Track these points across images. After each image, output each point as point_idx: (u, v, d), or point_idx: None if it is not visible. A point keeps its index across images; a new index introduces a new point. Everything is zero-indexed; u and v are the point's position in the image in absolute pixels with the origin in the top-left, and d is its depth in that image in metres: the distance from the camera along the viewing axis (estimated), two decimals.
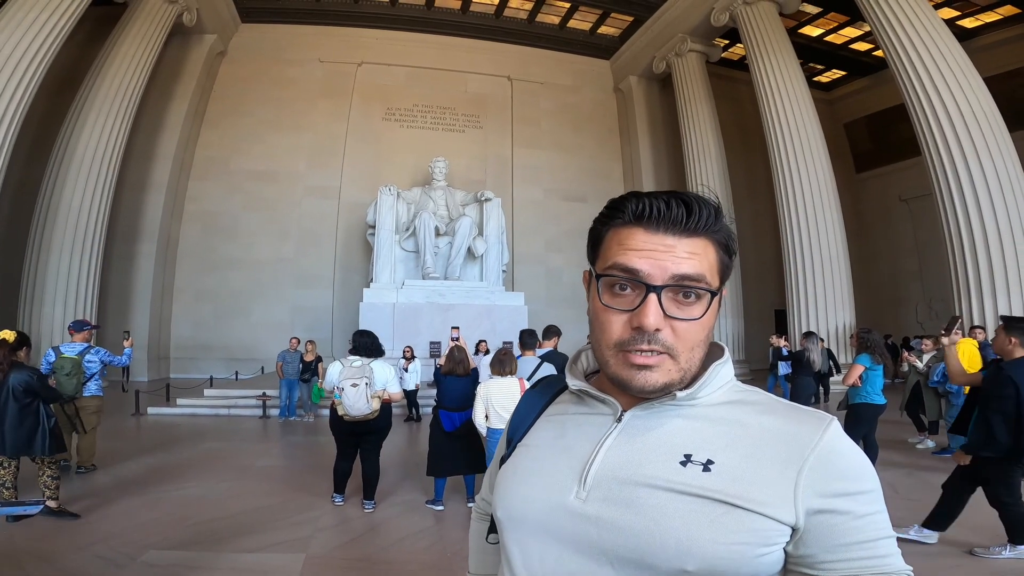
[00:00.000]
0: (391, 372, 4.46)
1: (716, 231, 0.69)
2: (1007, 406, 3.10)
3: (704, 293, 0.67)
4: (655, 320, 0.65)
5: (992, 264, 9.56)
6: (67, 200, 11.63)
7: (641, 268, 0.66)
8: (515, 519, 0.71)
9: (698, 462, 0.64)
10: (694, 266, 0.66)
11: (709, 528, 0.60)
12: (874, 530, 0.62)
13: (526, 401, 0.85)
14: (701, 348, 0.69)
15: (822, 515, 0.61)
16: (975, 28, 14.76)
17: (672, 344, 0.66)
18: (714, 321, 0.70)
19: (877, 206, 18.12)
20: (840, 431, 0.65)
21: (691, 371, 0.68)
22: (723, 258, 0.70)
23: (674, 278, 0.65)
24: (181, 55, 14.82)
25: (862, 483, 0.63)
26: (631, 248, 0.67)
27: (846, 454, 0.63)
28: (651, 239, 0.67)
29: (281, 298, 15.34)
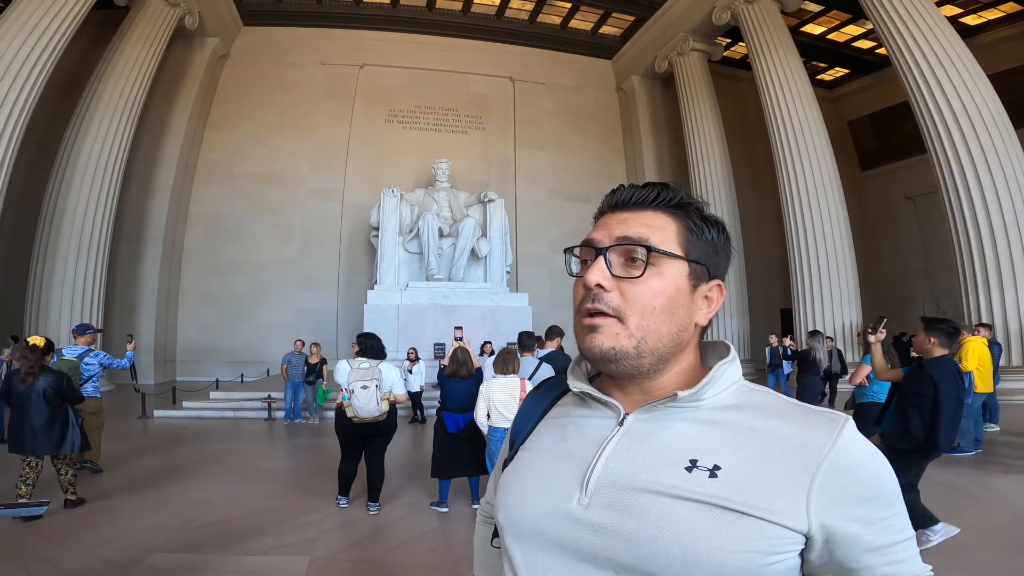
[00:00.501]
0: (397, 374, 4.46)
1: (674, 207, 0.71)
2: (925, 402, 3.26)
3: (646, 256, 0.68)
4: (594, 276, 0.68)
5: (1000, 261, 9.50)
6: (72, 204, 11.69)
7: (595, 237, 0.72)
8: (516, 525, 0.69)
9: (704, 468, 0.62)
10: (638, 231, 0.69)
11: (717, 536, 0.58)
12: (892, 535, 0.60)
13: (528, 404, 0.84)
14: (659, 319, 0.67)
15: (838, 523, 0.59)
16: (978, 25, 14.66)
17: (618, 305, 0.67)
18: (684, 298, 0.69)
19: (882, 204, 18.02)
20: (855, 433, 0.63)
21: (648, 344, 0.67)
22: (688, 235, 0.71)
23: (617, 239, 0.69)
24: (183, 58, 14.89)
25: (879, 488, 0.61)
26: (596, 228, 0.74)
27: (861, 458, 0.61)
28: (611, 217, 0.73)
29: (285, 301, 15.37)
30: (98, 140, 12.00)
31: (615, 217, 0.72)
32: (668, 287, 0.68)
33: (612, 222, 0.71)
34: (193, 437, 7.50)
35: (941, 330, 3.43)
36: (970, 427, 5.98)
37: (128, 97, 12.43)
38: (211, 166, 15.66)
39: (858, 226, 13.89)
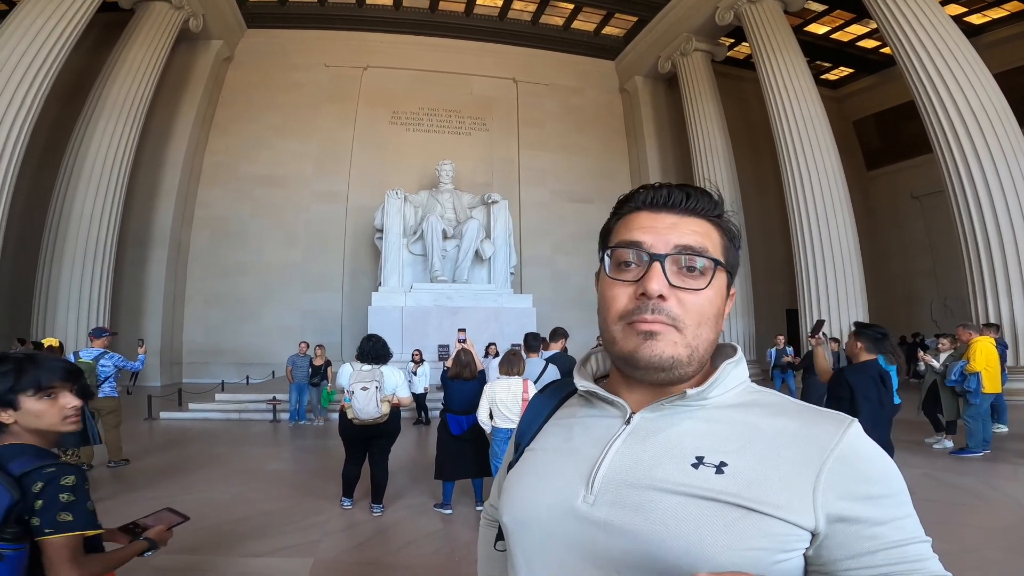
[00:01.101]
0: (400, 376, 4.47)
1: (717, 217, 0.71)
2: (843, 407, 3.31)
3: (709, 267, 0.68)
4: (659, 285, 0.65)
5: (1007, 261, 9.43)
6: (78, 207, 11.76)
7: (645, 240, 0.68)
8: (521, 524, 0.69)
9: (711, 464, 0.61)
10: (697, 239, 0.68)
11: (724, 533, 0.57)
12: (902, 535, 0.59)
13: (534, 405, 0.84)
14: (709, 328, 0.68)
15: (844, 519, 0.58)
16: (982, 24, 14.59)
17: (678, 315, 0.66)
18: (723, 306, 0.71)
19: (888, 204, 17.92)
20: (861, 432, 0.63)
21: (699, 352, 0.68)
22: (727, 245, 0.72)
23: (677, 248, 0.67)
24: (188, 61, 14.97)
25: (885, 485, 0.60)
26: (635, 227, 0.70)
27: (868, 456, 0.61)
28: (655, 217, 0.70)
29: (290, 302, 15.42)
30: (103, 143, 12.06)
31: (660, 219, 0.70)
32: (717, 297, 0.69)
33: (659, 225, 0.69)
34: (198, 439, 7.52)
35: (868, 335, 3.55)
36: (978, 428, 5.93)
37: (133, 100, 12.50)
38: (216, 169, 15.73)
39: (864, 226, 13.80)
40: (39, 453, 1.33)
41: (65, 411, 1.37)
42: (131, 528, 1.59)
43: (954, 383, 6.12)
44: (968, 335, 6.35)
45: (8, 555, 1.23)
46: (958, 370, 6.08)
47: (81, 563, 1.27)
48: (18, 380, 1.32)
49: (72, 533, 1.25)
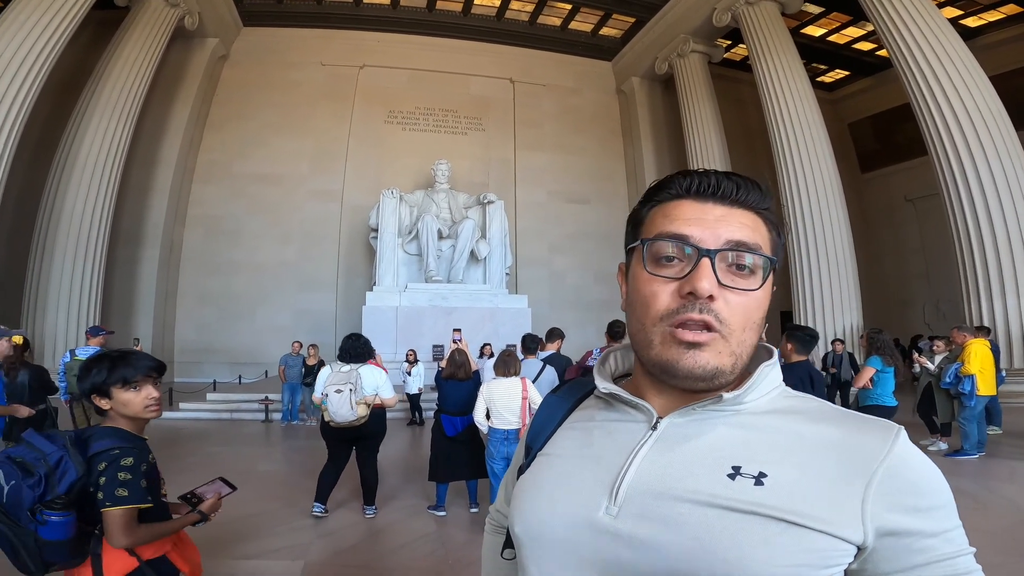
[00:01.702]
0: (382, 377, 4.34)
1: (766, 209, 0.65)
2: None
3: (760, 265, 0.62)
4: (710, 284, 0.59)
5: (1001, 264, 9.46)
6: (70, 204, 11.64)
7: (692, 233, 0.62)
8: (535, 536, 0.64)
9: (748, 475, 0.57)
10: (748, 234, 0.62)
11: (764, 549, 0.52)
12: (952, 547, 0.55)
13: (547, 407, 0.78)
14: (754, 332, 0.63)
15: (894, 532, 0.54)
16: (978, 27, 14.66)
17: (726, 318, 0.60)
18: (767, 306, 0.64)
19: (882, 206, 17.99)
20: (908, 441, 0.58)
21: (742, 360, 0.62)
22: (775, 239, 0.66)
23: (728, 243, 0.61)
24: (183, 59, 14.85)
25: (936, 497, 0.56)
26: (679, 217, 0.63)
27: (918, 466, 0.57)
28: (701, 208, 0.64)
29: (284, 302, 15.32)
30: (96, 140, 11.95)
31: (707, 209, 0.63)
32: (765, 299, 0.64)
33: (708, 216, 0.63)
34: (189, 439, 7.44)
35: (798, 337, 3.72)
36: (973, 430, 5.94)
37: (127, 97, 12.39)
38: (210, 167, 15.62)
39: (858, 228, 13.85)
40: (122, 436, 1.60)
41: (147, 400, 1.66)
42: (188, 498, 1.82)
43: (949, 385, 6.12)
44: (963, 337, 6.35)
45: (53, 521, 1.45)
46: (953, 372, 6.08)
47: (133, 531, 1.51)
48: (110, 374, 1.62)
49: (127, 507, 1.50)
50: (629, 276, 0.69)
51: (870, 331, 5.44)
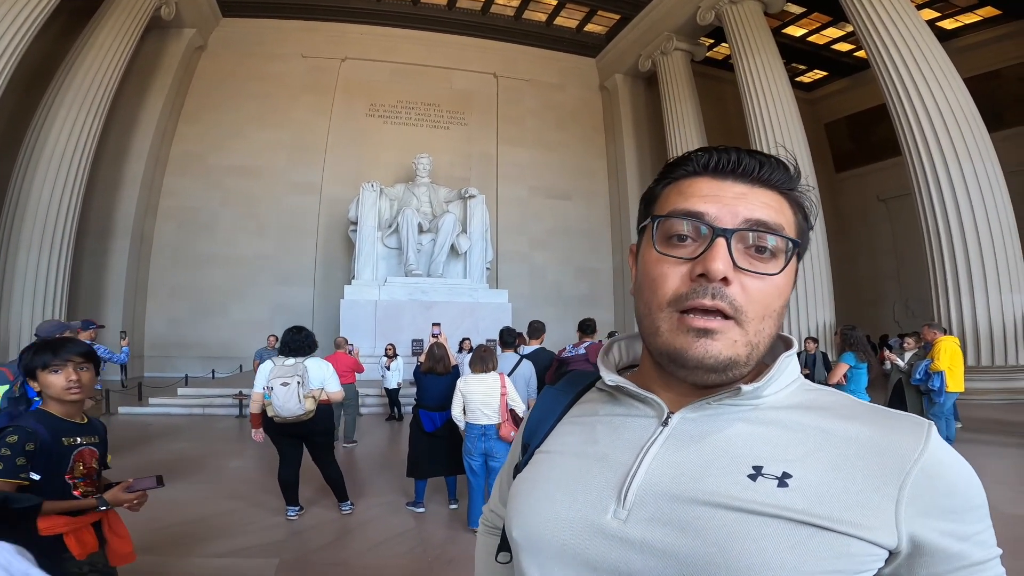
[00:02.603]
0: (329, 370, 4.19)
1: (791, 190, 0.60)
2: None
3: (782, 248, 0.57)
4: (724, 265, 0.54)
5: (970, 263, 9.71)
6: (36, 197, 11.24)
7: (707, 211, 0.57)
8: (535, 540, 0.59)
9: (771, 476, 0.52)
10: (771, 214, 0.57)
11: (791, 554, 0.49)
12: (985, 550, 0.53)
13: (545, 400, 0.73)
14: (772, 322, 0.58)
15: (930, 537, 0.51)
16: (955, 29, 14.99)
17: (741, 304, 0.55)
18: (790, 294, 0.59)
19: (856, 206, 18.37)
20: (941, 439, 0.55)
21: (759, 350, 0.57)
22: (802, 223, 0.61)
23: (747, 222, 0.57)
24: (158, 49, 14.45)
25: (972, 498, 0.54)
26: (695, 194, 0.58)
27: (953, 466, 0.54)
28: (719, 185, 0.59)
29: (261, 295, 15.05)
30: (64, 131, 11.55)
31: (725, 187, 0.59)
32: (787, 286, 0.59)
33: (725, 194, 0.58)
34: (159, 435, 7.26)
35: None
36: (941, 426, 6.07)
37: (98, 88, 11.99)
38: (185, 158, 15.23)
39: (832, 228, 14.13)
40: (40, 417, 1.73)
41: (67, 383, 1.74)
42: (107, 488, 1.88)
43: (919, 381, 6.26)
44: (933, 335, 6.50)
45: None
46: (923, 369, 6.22)
47: None
48: (34, 358, 1.75)
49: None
50: (639, 257, 0.63)
51: (844, 328, 5.53)
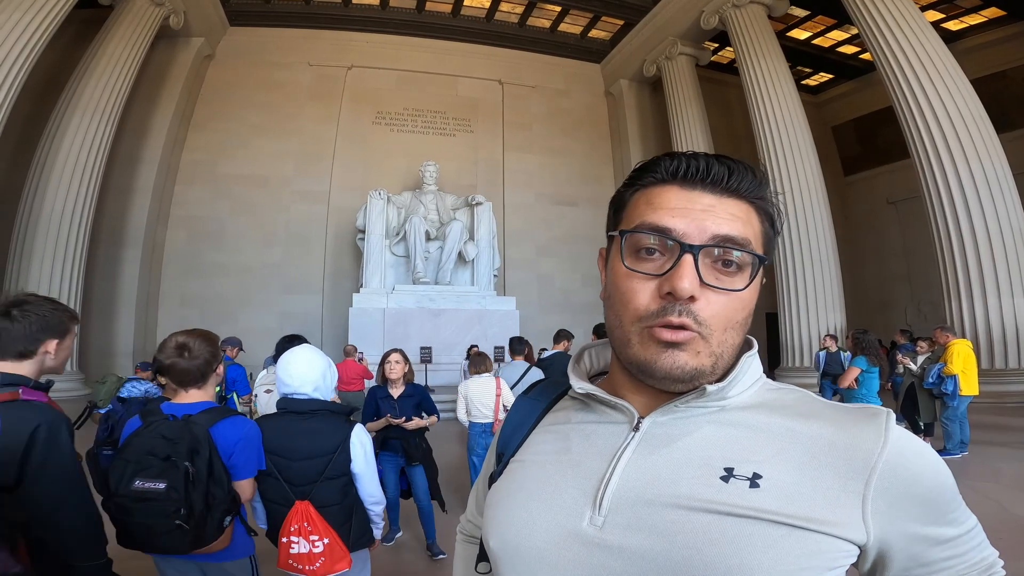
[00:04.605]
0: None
1: (760, 198, 0.61)
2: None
3: (748, 263, 0.58)
4: (691, 284, 0.55)
5: (982, 266, 9.60)
6: (49, 205, 11.40)
7: (675, 226, 0.57)
8: (512, 549, 0.60)
9: (743, 477, 0.54)
10: (738, 228, 0.58)
11: (766, 554, 0.50)
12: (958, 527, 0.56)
13: (519, 409, 0.74)
14: (736, 332, 0.59)
15: (900, 527, 0.53)
16: (960, 31, 14.89)
17: (706, 318, 0.56)
18: (754, 304, 0.61)
19: (865, 209, 18.23)
20: (900, 428, 0.57)
21: (723, 359, 0.58)
22: (768, 232, 0.62)
23: (715, 238, 0.57)
24: (167, 58, 14.64)
25: (938, 483, 0.55)
26: (663, 206, 0.59)
27: (916, 454, 0.56)
28: (687, 196, 0.59)
29: (269, 304, 15.14)
30: (77, 140, 11.72)
31: (693, 198, 0.59)
32: (752, 299, 0.60)
33: (693, 205, 0.58)
34: None
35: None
36: (956, 430, 6.01)
37: (109, 97, 12.17)
38: (194, 167, 15.40)
39: (841, 231, 14.02)
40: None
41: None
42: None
43: (932, 385, 6.20)
44: (946, 338, 6.44)
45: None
46: (936, 372, 6.16)
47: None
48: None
49: None
50: (608, 266, 0.65)
51: (855, 332, 5.49)
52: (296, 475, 1.98)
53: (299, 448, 2.00)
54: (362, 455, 2.08)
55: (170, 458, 1.62)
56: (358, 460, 2.07)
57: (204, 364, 1.85)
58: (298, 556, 1.92)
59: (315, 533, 1.92)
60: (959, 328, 9.51)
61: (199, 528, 1.63)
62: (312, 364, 2.12)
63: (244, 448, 1.80)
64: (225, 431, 1.77)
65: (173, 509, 1.59)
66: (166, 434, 1.66)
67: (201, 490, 1.63)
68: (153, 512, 1.59)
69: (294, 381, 2.09)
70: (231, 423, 1.82)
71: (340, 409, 2.15)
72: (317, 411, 2.07)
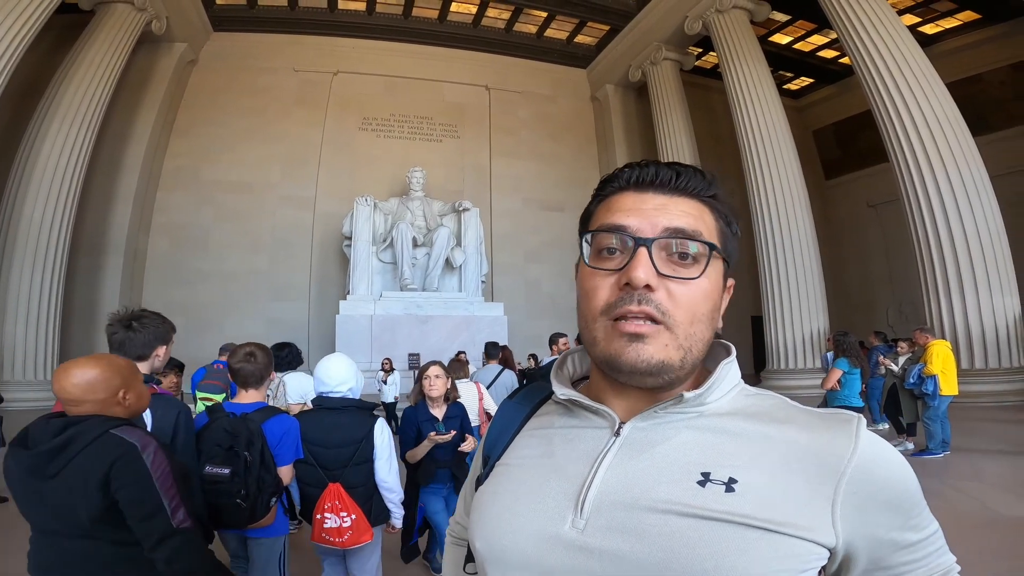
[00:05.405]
0: (309, 383, 4.06)
1: (710, 197, 0.65)
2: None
3: (703, 253, 0.61)
4: (645, 273, 0.58)
5: (960, 267, 9.79)
6: (28, 212, 11.21)
7: (629, 224, 0.61)
8: (497, 552, 0.61)
9: (719, 481, 0.55)
10: (689, 222, 0.61)
11: (741, 557, 0.51)
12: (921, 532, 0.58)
13: (504, 414, 0.75)
14: (704, 325, 0.61)
15: (868, 531, 0.55)
16: (936, 34, 15.18)
17: (668, 309, 0.59)
18: (720, 299, 0.64)
19: (846, 212, 18.53)
20: (870, 433, 0.59)
21: (692, 354, 0.60)
22: (724, 229, 0.65)
23: (666, 231, 0.60)
24: (150, 64, 14.48)
25: (904, 488, 0.57)
26: (619, 209, 0.63)
27: (884, 460, 0.58)
28: (640, 198, 0.64)
29: (255, 311, 14.98)
30: (56, 146, 11.53)
31: (646, 199, 0.63)
32: (714, 290, 0.63)
33: (645, 205, 0.62)
34: None
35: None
36: (937, 430, 6.11)
37: (89, 102, 11.99)
38: (177, 173, 15.22)
39: (823, 234, 14.23)
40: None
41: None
42: None
43: (912, 385, 6.30)
44: (925, 339, 6.55)
45: None
46: (916, 373, 6.26)
47: None
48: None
49: None
50: (578, 272, 0.68)
51: (836, 334, 5.58)
52: (329, 461, 2.39)
53: (332, 438, 2.41)
54: (380, 444, 2.48)
55: (232, 448, 1.98)
56: (378, 448, 2.47)
57: (263, 369, 2.33)
58: (329, 530, 2.32)
59: (344, 510, 2.32)
60: (938, 329, 9.68)
61: (253, 507, 1.98)
62: (347, 368, 2.57)
63: (287, 440, 2.17)
64: (273, 426, 2.16)
65: (236, 490, 1.94)
66: (228, 428, 2.03)
67: (255, 475, 1.98)
68: (219, 493, 1.95)
69: (332, 381, 2.52)
70: (278, 419, 2.21)
71: (365, 405, 2.55)
72: (347, 407, 2.49)
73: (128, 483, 1.41)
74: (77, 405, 1.47)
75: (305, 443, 2.32)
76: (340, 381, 2.52)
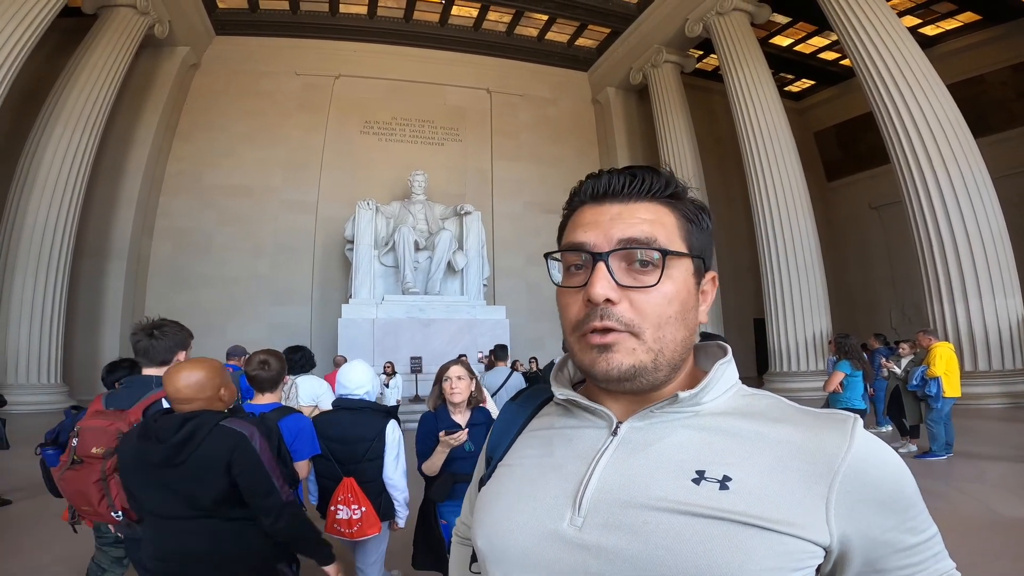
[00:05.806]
0: (323, 387, 4.17)
1: (669, 196, 0.65)
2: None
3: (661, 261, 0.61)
4: (601, 289, 0.59)
5: (963, 268, 9.78)
6: (32, 218, 11.25)
7: (587, 239, 0.63)
8: (498, 549, 0.62)
9: (713, 479, 0.56)
10: (643, 229, 0.62)
11: (733, 554, 0.52)
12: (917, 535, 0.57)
13: (505, 416, 0.77)
14: (673, 327, 0.61)
15: (862, 530, 0.55)
16: (937, 35, 15.18)
17: (631, 319, 0.60)
18: (691, 298, 0.64)
19: (848, 214, 18.51)
20: (866, 432, 0.59)
21: (665, 356, 0.61)
22: (687, 227, 0.65)
23: (620, 242, 0.61)
24: (152, 68, 14.55)
25: (900, 489, 0.57)
26: (579, 224, 0.64)
27: (879, 460, 0.58)
28: (598, 210, 0.65)
29: (257, 315, 15.01)
30: (60, 150, 11.58)
31: (603, 210, 0.64)
32: (680, 291, 0.62)
33: (602, 217, 0.63)
34: None
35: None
36: (940, 432, 6.09)
37: (92, 106, 12.05)
38: (179, 177, 15.27)
39: (825, 235, 14.22)
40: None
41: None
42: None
43: (915, 387, 6.28)
44: (928, 340, 6.54)
45: None
46: (919, 375, 6.25)
47: None
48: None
49: None
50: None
51: (838, 336, 5.57)
52: (345, 457, 2.57)
53: (349, 436, 2.60)
54: (389, 442, 2.65)
55: None
56: (387, 445, 2.65)
57: (277, 375, 2.59)
58: (341, 521, 2.50)
59: (356, 503, 2.50)
60: (941, 331, 9.66)
61: None
62: (365, 373, 2.82)
63: (302, 437, 2.37)
64: (289, 424, 2.35)
65: None
66: None
67: None
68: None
69: (351, 384, 2.76)
70: (293, 418, 2.42)
71: (379, 407, 2.76)
72: (363, 408, 2.70)
73: (246, 469, 1.64)
74: (188, 403, 1.70)
75: (325, 440, 2.53)
76: (358, 385, 2.75)
